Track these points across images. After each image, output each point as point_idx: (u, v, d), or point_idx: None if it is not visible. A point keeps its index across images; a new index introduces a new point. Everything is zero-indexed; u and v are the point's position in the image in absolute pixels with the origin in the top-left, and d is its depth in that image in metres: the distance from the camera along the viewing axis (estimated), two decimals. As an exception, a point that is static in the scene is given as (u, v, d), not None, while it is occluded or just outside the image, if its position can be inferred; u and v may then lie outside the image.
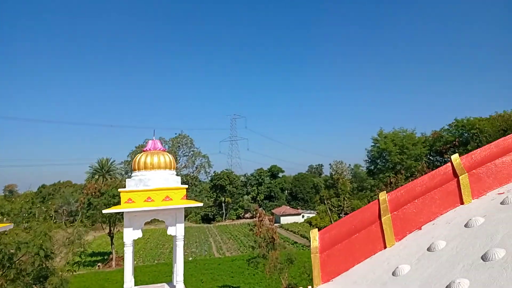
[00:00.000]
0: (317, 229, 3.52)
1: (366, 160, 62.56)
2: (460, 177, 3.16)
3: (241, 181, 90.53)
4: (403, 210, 3.24)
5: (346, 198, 61.85)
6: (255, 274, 33.32)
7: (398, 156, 53.81)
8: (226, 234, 63.99)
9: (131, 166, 7.69)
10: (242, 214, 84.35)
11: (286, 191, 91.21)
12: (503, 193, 2.97)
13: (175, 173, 6.48)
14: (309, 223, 68.42)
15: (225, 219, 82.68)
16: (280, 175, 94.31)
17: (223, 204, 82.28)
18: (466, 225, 2.78)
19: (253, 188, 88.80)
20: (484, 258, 2.28)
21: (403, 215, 3.23)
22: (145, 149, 6.41)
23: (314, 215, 72.12)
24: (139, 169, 6.22)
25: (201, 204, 6.45)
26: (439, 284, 2.32)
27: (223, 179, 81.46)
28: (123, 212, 5.95)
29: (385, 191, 3.48)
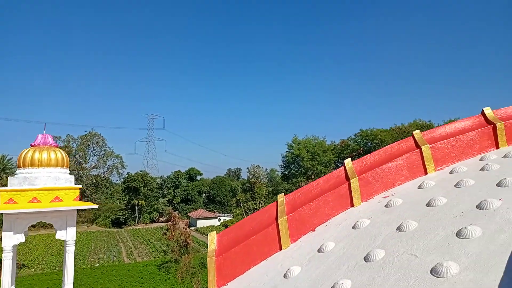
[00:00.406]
0: (215, 232, 3.42)
1: (281, 165, 64.84)
2: (351, 181, 3.29)
3: (157, 183, 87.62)
4: (299, 212, 3.28)
5: (261, 202, 63.35)
6: (166, 279, 32.34)
7: (310, 162, 56.68)
8: (138, 238, 61.30)
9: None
10: (157, 218, 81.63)
11: (204, 194, 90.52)
12: (388, 196, 3.16)
13: (68, 171, 5.91)
14: (226, 226, 68.63)
15: (138, 223, 79.24)
16: (198, 178, 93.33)
17: (136, 207, 78.81)
18: (353, 227, 2.88)
19: (170, 191, 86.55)
20: (366, 259, 2.36)
21: (299, 217, 3.27)
22: (33, 143, 5.72)
23: (230, 218, 72.57)
24: (24, 166, 5.54)
25: (95, 206, 5.97)
26: (325, 285, 2.35)
27: (137, 181, 78.01)
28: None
29: (283, 193, 3.50)
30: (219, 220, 75.14)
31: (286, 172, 62.54)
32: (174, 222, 27.11)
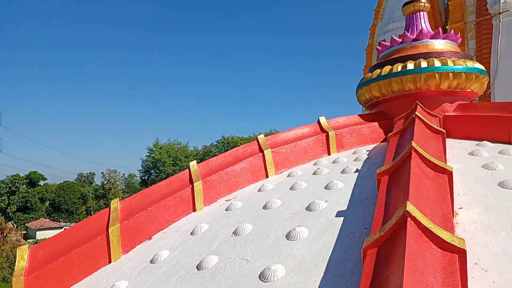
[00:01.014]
0: (27, 245, 2.83)
1: (140, 170, 62.05)
2: (195, 184, 3.12)
3: (-15, 189, 74.20)
4: (135, 218, 2.95)
5: (116, 209, 59.24)
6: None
7: (171, 167, 55.66)
8: (-44, 256, 50.64)
9: None
10: (-16, 230, 68.92)
11: (48, 202, 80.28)
12: (230, 200, 3.08)
13: None
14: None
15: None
16: (42, 183, 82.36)
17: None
18: (192, 233, 2.70)
19: (3, 198, 74.20)
20: (198, 267, 2.18)
21: (135, 224, 2.94)
22: None
23: (79, 227, 65.66)
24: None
25: None
26: (153, 299, 2.09)
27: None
28: None
29: (118, 198, 3.12)
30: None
31: (146, 178, 60.11)
32: (4, 235, 23.10)
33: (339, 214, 2.17)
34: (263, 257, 1.99)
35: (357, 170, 2.79)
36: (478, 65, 3.90)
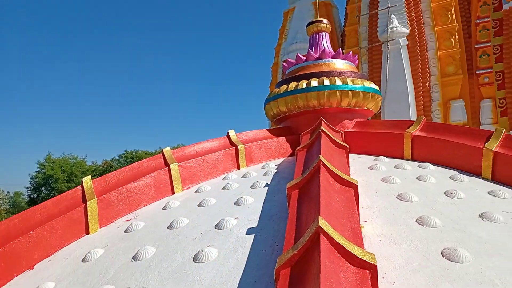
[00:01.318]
0: None
1: (28, 188, 55.58)
2: (88, 203, 2.77)
3: None
4: (13, 245, 2.50)
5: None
6: None
7: (65, 184, 50.81)
8: None
9: None
10: None
11: None
12: (130, 219, 2.80)
13: None
14: None
15: None
16: None
17: None
18: (83, 260, 2.36)
19: None
20: (90, 299, 1.89)
21: (12, 252, 2.49)
22: None
23: None
24: None
25: None
26: None
27: None
28: None
29: (-10, 222, 2.63)
30: None
31: (35, 196, 53.96)
32: None
33: (249, 231, 2.07)
34: (167, 284, 1.79)
35: (266, 185, 2.74)
36: (373, 85, 4.21)
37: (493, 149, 2.78)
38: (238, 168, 3.50)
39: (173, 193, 3.14)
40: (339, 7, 15.30)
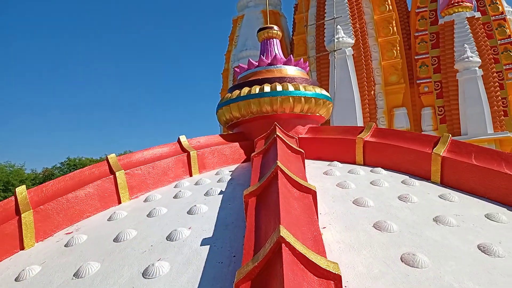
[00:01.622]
0: None
1: (-45, 199, 50.78)
2: (22, 215, 2.49)
3: None
4: None
5: None
6: None
7: (1, 194, 47.10)
8: None
9: None
10: None
11: None
12: (71, 232, 2.55)
13: None
14: None
15: None
16: None
17: None
18: (17, 279, 2.10)
19: None
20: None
21: None
22: None
23: None
24: None
25: None
26: None
27: None
28: None
29: None
30: None
31: (-38, 208, 49.34)
32: None
33: (204, 242, 1.95)
34: (113, 304, 1.61)
35: (221, 192, 2.63)
36: (324, 92, 4.25)
37: (441, 154, 2.88)
38: (191, 175, 3.35)
39: (119, 202, 2.93)
40: (287, 17, 15.63)
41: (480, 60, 10.17)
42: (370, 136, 3.55)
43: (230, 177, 2.99)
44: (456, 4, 10.95)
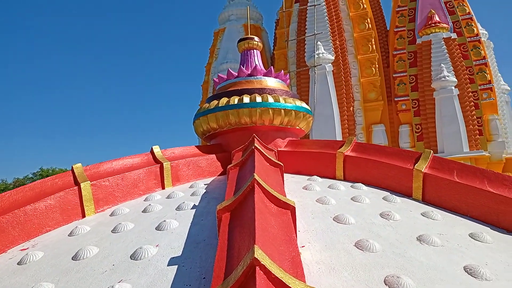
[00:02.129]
0: None
1: None
2: (-28, 230, 2.25)
3: None
4: None
5: None
6: None
7: (-35, 205, 45.05)
8: None
9: None
10: None
11: None
12: (27, 249, 2.32)
13: None
14: None
15: None
16: None
17: None
18: (-42, 302, 1.86)
19: None
20: None
21: None
22: None
23: None
24: None
25: None
26: None
27: None
28: None
29: None
30: None
31: None
32: None
33: (172, 261, 1.77)
34: (63, 333, 1.42)
35: (194, 206, 2.46)
36: (305, 105, 4.16)
37: (422, 170, 2.80)
38: (163, 188, 3.17)
39: (83, 216, 2.71)
40: (268, 32, 15.72)
41: (456, 80, 10.39)
42: (350, 151, 3.46)
43: (205, 191, 2.82)
44: (433, 24, 11.22)
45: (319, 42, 11.84)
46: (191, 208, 2.43)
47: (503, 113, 11.45)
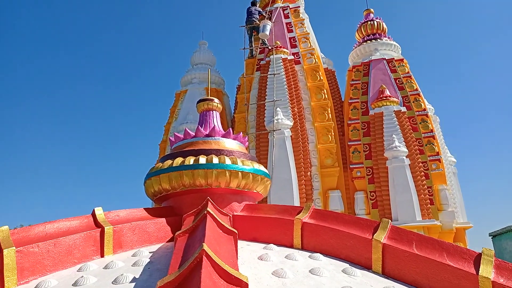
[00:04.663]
0: None
1: None
2: None
3: None
4: None
5: None
6: None
7: None
8: None
9: None
10: None
11: None
12: None
13: None
14: None
15: None
16: None
17: None
18: None
19: None
20: None
21: None
22: None
23: None
24: None
25: None
26: None
27: None
28: None
29: None
30: None
31: None
32: None
33: None
34: None
35: (134, 280, 2.16)
36: (263, 168, 4.06)
37: (381, 241, 2.69)
38: (102, 256, 2.82)
39: (1, 289, 2.31)
40: (230, 96, 16.10)
41: (407, 150, 10.87)
42: (308, 217, 3.33)
43: (149, 260, 2.53)
44: (384, 98, 11.96)
45: (278, 108, 12.17)
46: (130, 282, 2.12)
47: (451, 183, 11.99)
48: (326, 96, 12.93)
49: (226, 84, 16.42)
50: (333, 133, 12.35)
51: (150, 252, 2.80)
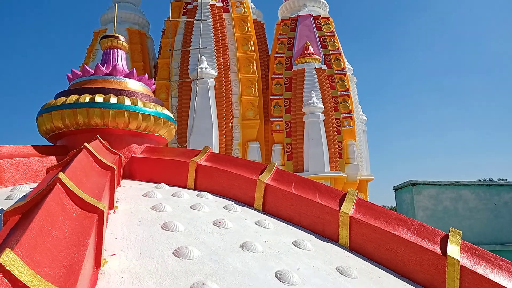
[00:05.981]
0: None
1: None
2: None
3: None
4: None
5: None
6: None
7: None
8: None
9: None
10: None
11: None
12: None
13: None
14: None
15: None
16: None
17: None
18: None
19: None
20: None
21: None
22: None
23: None
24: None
25: None
26: None
27: None
28: None
29: None
30: None
31: None
32: None
33: None
34: None
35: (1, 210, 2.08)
36: (167, 112, 4.01)
37: (265, 181, 2.87)
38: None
39: None
40: (155, 40, 15.32)
41: (323, 107, 11.41)
42: (204, 160, 3.41)
43: (24, 195, 2.44)
44: (307, 55, 12.23)
45: (203, 57, 11.90)
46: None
47: (360, 140, 12.95)
48: (252, 48, 12.88)
49: (152, 27, 15.57)
50: (256, 86, 12.48)
51: (30, 188, 2.70)
